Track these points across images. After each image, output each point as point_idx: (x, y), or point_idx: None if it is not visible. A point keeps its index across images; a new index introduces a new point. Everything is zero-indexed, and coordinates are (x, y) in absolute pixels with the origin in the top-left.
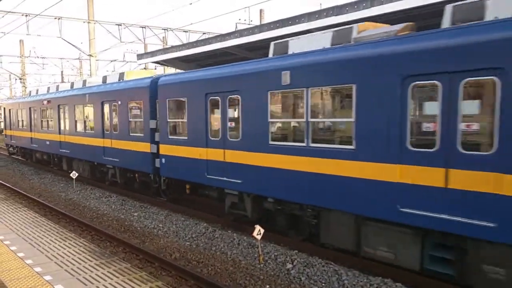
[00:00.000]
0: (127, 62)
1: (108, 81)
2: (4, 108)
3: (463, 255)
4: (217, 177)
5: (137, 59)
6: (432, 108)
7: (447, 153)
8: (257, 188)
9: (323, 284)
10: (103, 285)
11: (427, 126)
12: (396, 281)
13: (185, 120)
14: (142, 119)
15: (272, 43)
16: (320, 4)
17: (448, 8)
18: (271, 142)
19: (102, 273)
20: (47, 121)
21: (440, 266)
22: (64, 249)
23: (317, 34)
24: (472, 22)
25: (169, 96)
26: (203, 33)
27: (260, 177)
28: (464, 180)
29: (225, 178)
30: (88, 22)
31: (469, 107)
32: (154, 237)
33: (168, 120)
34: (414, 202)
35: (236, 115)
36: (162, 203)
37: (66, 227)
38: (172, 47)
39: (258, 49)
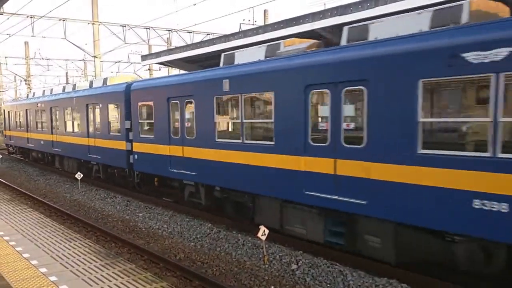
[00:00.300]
0: (132, 63)
1: (94, 85)
2: (4, 110)
3: (351, 228)
4: (178, 170)
5: (142, 60)
6: (325, 111)
7: (335, 146)
8: (207, 179)
9: (328, 285)
10: (108, 286)
11: (322, 125)
12: (401, 281)
13: (152, 121)
14: (119, 120)
15: (222, 55)
16: (324, 4)
17: (345, 29)
18: (217, 140)
19: (107, 273)
20: (41, 122)
21: (336, 238)
22: (69, 249)
23: (254, 48)
24: (354, 42)
25: (140, 100)
26: (207, 34)
27: (210, 169)
28: (346, 168)
29: (183, 171)
30: (93, 24)
31: (348, 110)
32: (159, 237)
33: (139, 121)
34: (315, 186)
35: (191, 117)
36: (167, 204)
37: (71, 228)
38: (176, 48)
39: None
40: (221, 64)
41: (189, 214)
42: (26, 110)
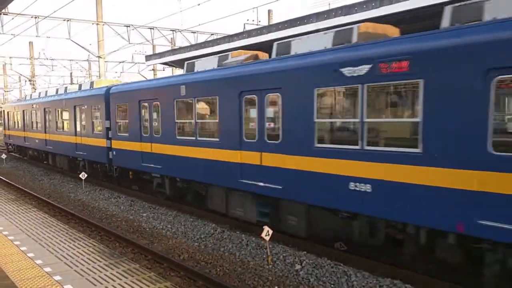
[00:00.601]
0: (136, 63)
1: (82, 88)
2: (4, 111)
3: (275, 209)
4: (147, 164)
5: (146, 60)
6: (254, 112)
7: (261, 142)
8: (170, 171)
9: (332, 286)
10: (112, 286)
11: (251, 125)
12: (405, 282)
13: (127, 120)
14: (100, 120)
15: (185, 63)
16: (329, 4)
17: (274, 45)
18: (177, 137)
19: (111, 273)
20: (36, 122)
21: (264, 218)
22: (74, 249)
23: (210, 57)
24: (273, 57)
25: (117, 102)
26: (211, 34)
27: (172, 163)
28: (268, 159)
29: (152, 165)
30: (97, 24)
31: (269, 112)
32: (163, 237)
33: (116, 120)
34: (247, 175)
35: (157, 117)
36: (171, 204)
37: (75, 228)
38: (180, 48)
39: (267, 50)
40: (184, 71)
41: (193, 214)
42: (23, 110)
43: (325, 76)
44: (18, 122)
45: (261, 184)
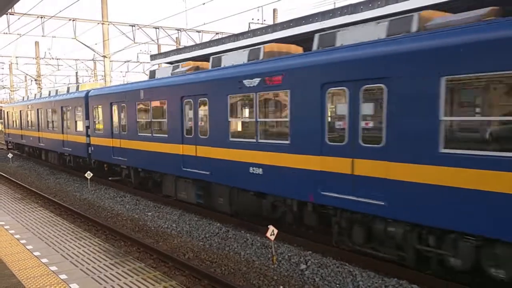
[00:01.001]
0: (141, 63)
1: (70, 91)
2: (3, 111)
3: (208, 192)
4: (117, 158)
5: (151, 60)
6: (191, 113)
7: (196, 137)
8: (134, 163)
9: (337, 285)
10: (118, 284)
11: (188, 124)
12: (411, 282)
13: (101, 119)
14: (81, 119)
15: (149, 71)
16: (334, 3)
17: (213, 59)
18: (139, 134)
19: (117, 272)
20: (31, 121)
21: (200, 199)
22: (79, 248)
23: (167, 66)
24: (202, 70)
25: (94, 104)
26: (216, 33)
27: (135, 156)
28: (200, 151)
29: (120, 158)
30: (102, 24)
31: (201, 113)
32: (168, 236)
33: (94, 120)
34: (188, 164)
35: (124, 117)
36: (176, 203)
37: (81, 227)
38: (185, 47)
39: None
40: (149, 76)
41: (197, 213)
42: (20, 111)
43: (233, 86)
44: (16, 121)
45: (196, 171)
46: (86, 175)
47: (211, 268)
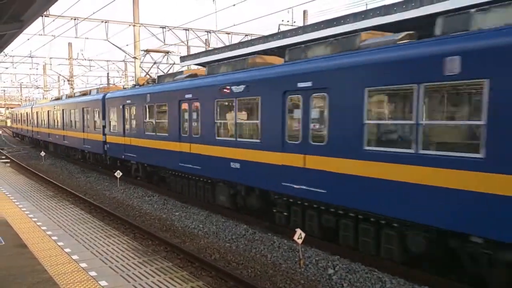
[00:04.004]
0: (171, 64)
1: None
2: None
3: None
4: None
5: (180, 61)
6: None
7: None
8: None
9: None
10: (146, 283)
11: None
12: None
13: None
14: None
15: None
16: (366, 4)
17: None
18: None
19: (145, 271)
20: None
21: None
22: (109, 246)
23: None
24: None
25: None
26: (246, 35)
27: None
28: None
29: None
30: (134, 25)
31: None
32: (195, 237)
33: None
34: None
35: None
36: (203, 204)
37: (110, 225)
38: (215, 49)
39: None
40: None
41: (224, 214)
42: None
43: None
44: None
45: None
46: (116, 174)
47: (237, 270)
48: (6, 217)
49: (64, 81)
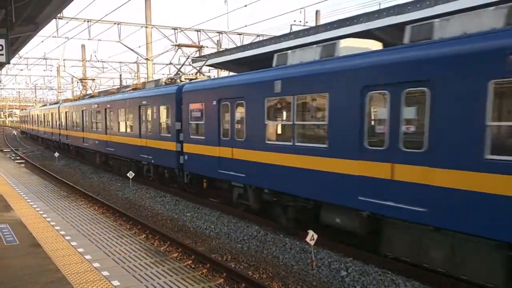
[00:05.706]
0: (182, 65)
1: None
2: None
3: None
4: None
5: (192, 62)
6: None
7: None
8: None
9: None
10: (158, 283)
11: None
12: None
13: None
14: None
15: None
16: (379, 4)
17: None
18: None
19: (157, 271)
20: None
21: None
22: (121, 246)
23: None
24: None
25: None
26: (257, 36)
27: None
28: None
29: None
30: (146, 27)
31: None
32: (206, 238)
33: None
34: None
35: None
36: (214, 204)
37: (122, 225)
38: (226, 50)
39: None
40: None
41: (236, 215)
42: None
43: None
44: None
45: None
46: (128, 174)
47: (249, 271)
48: (21, 217)
49: (78, 82)
